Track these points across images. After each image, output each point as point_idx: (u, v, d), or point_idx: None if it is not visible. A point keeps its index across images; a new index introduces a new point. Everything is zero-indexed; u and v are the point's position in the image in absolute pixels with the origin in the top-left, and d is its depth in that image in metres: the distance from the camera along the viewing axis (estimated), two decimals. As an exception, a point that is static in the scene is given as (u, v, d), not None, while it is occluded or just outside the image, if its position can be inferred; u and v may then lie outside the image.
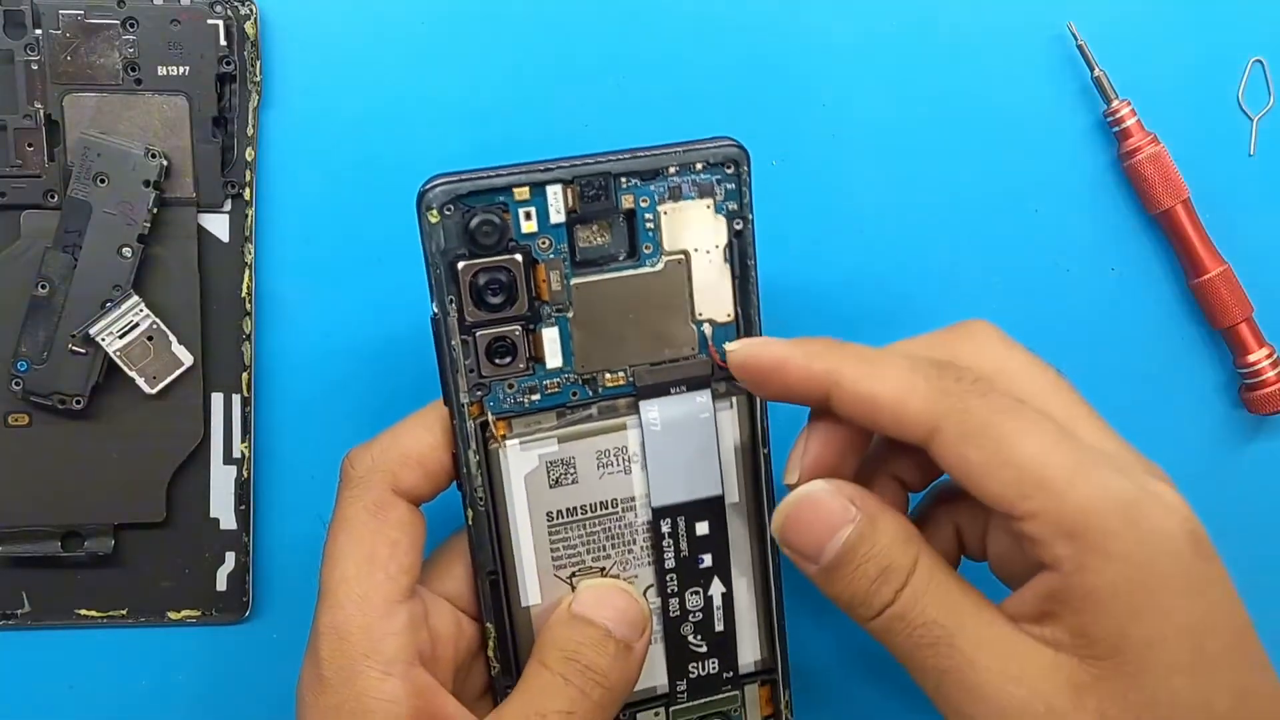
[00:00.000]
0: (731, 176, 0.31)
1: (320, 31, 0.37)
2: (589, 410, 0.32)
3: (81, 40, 0.36)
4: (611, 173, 0.31)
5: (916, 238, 0.39)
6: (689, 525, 0.33)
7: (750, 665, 0.34)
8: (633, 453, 0.32)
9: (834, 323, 0.39)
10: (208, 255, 0.37)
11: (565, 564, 0.32)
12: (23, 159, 0.36)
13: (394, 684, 0.29)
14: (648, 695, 0.34)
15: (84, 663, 0.38)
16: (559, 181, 0.30)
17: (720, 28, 0.38)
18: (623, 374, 0.32)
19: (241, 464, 0.38)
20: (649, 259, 0.31)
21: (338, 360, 0.38)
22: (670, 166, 0.31)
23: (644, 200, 0.31)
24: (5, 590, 0.37)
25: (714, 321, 0.32)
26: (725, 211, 0.32)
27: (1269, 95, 0.40)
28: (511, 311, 0.31)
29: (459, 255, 0.30)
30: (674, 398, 0.32)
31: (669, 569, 0.33)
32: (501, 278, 0.30)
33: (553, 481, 0.32)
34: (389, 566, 0.30)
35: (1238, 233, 0.40)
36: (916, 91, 0.39)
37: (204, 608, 0.38)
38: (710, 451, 0.32)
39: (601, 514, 0.32)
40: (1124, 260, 0.40)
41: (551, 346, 0.31)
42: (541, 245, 0.31)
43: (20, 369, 0.36)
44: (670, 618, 0.33)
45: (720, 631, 0.34)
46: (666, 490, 0.32)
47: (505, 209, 0.30)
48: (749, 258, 0.32)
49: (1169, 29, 0.39)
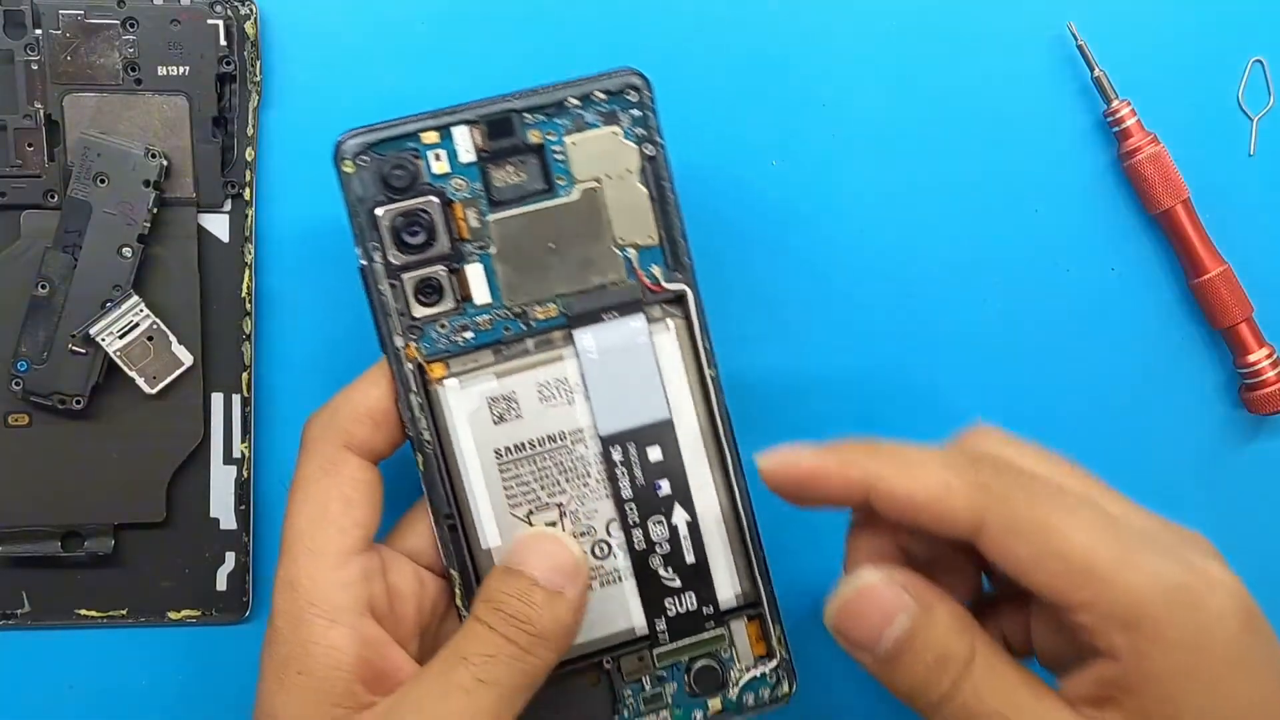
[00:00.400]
0: (635, 103, 0.32)
1: (320, 31, 0.38)
2: (524, 344, 0.32)
3: (81, 40, 0.36)
4: (514, 109, 0.32)
5: (916, 238, 0.39)
6: (640, 452, 0.33)
7: (731, 600, 0.34)
8: (574, 383, 0.32)
9: (834, 321, 0.39)
10: (208, 255, 0.37)
11: (521, 502, 0.32)
12: (23, 159, 0.36)
13: (339, 632, 0.30)
14: (626, 639, 0.33)
15: (84, 663, 0.38)
16: (464, 123, 0.31)
17: (720, 27, 0.38)
18: (554, 305, 0.32)
19: (241, 464, 0.38)
20: (563, 189, 0.32)
21: (338, 360, 0.38)
22: (570, 99, 0.32)
23: (550, 134, 0.32)
24: (5, 590, 0.37)
25: (638, 245, 0.33)
26: (634, 137, 0.32)
27: (1269, 95, 0.40)
28: (434, 252, 0.32)
29: (377, 202, 0.31)
30: (608, 324, 0.32)
31: (626, 498, 0.33)
32: (420, 219, 0.31)
33: (496, 418, 0.32)
34: (341, 520, 0.31)
35: (1238, 233, 0.40)
36: (916, 91, 0.39)
37: (204, 608, 0.38)
38: (652, 375, 0.33)
39: (550, 448, 0.32)
40: (1124, 260, 0.40)
41: (477, 283, 0.32)
42: (455, 186, 0.32)
43: (20, 369, 0.36)
44: (636, 551, 0.33)
45: (692, 563, 0.33)
46: (611, 417, 0.32)
47: (417, 154, 0.31)
48: (665, 180, 0.32)
49: (1169, 29, 0.39)
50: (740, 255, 0.39)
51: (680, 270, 0.33)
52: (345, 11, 0.38)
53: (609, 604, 0.33)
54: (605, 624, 0.33)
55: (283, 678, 0.30)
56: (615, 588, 0.33)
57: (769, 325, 0.39)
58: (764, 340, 0.39)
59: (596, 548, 0.33)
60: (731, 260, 0.39)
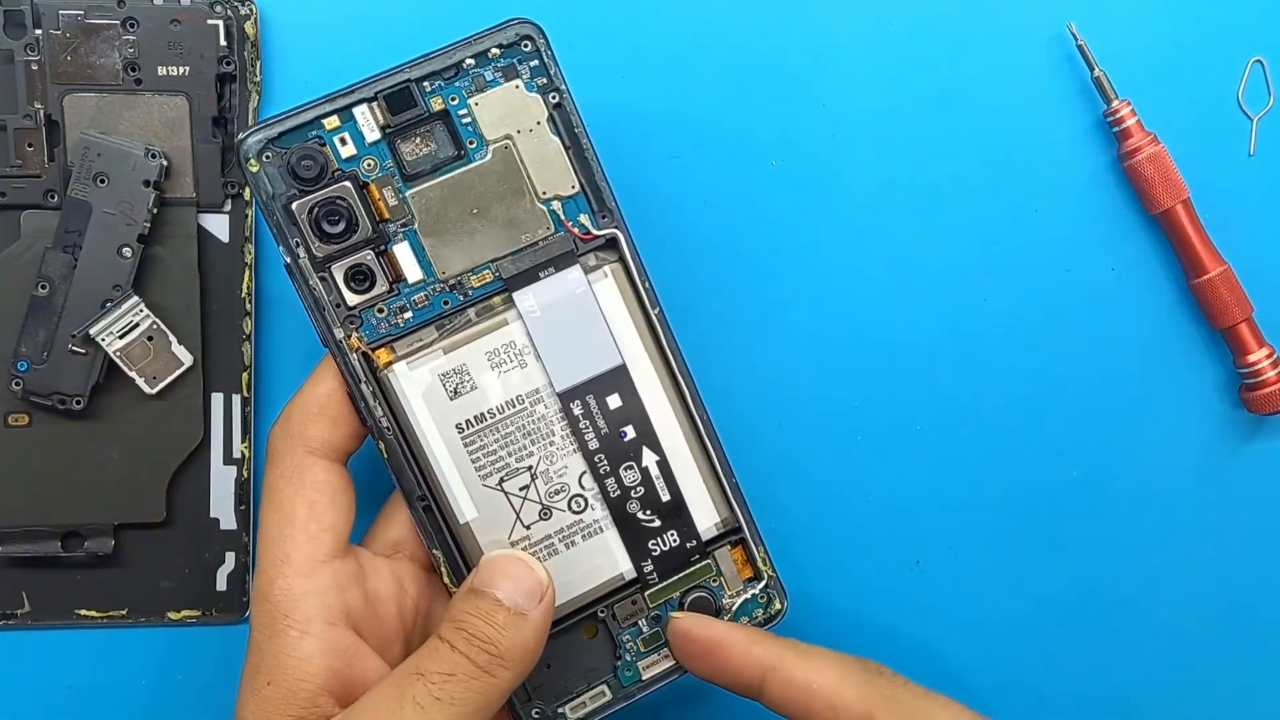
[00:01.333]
0: (531, 54, 0.32)
1: (320, 31, 0.37)
2: (466, 315, 0.32)
3: (81, 40, 0.36)
4: (411, 79, 0.31)
5: (916, 238, 0.39)
6: (600, 402, 0.33)
7: (712, 529, 0.34)
8: (522, 345, 0.32)
9: (834, 322, 0.39)
10: (208, 255, 0.37)
11: (490, 471, 0.32)
12: (23, 159, 0.36)
13: (309, 642, 0.30)
14: (617, 585, 0.34)
15: (84, 663, 0.38)
16: (363, 101, 0.31)
17: (720, 27, 0.38)
18: (488, 271, 0.32)
19: (241, 464, 0.38)
20: (476, 152, 0.32)
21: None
22: (465, 59, 0.31)
23: (453, 98, 0.32)
24: (5, 590, 0.37)
25: (560, 196, 0.32)
26: (537, 88, 0.32)
27: (1269, 95, 0.40)
28: (358, 238, 0.31)
29: (290, 196, 0.31)
30: (545, 281, 0.32)
31: (593, 450, 0.33)
32: (337, 207, 0.31)
33: (451, 393, 0.32)
34: (309, 527, 0.31)
35: (1238, 233, 0.40)
36: (916, 91, 0.39)
37: (204, 608, 0.38)
38: (598, 324, 0.33)
39: (510, 413, 0.32)
40: (1124, 260, 0.40)
41: (407, 261, 0.32)
42: (366, 166, 0.31)
43: (20, 369, 0.36)
44: (612, 499, 0.33)
45: (668, 500, 0.34)
46: (566, 373, 0.32)
47: (321, 141, 0.31)
48: (575, 127, 0.32)
49: (1169, 29, 0.39)
50: (740, 255, 0.39)
51: (607, 215, 0.33)
52: (345, 11, 0.38)
53: (595, 555, 0.33)
54: (594, 575, 0.33)
55: (254, 687, 0.30)
56: (598, 538, 0.33)
57: (769, 326, 0.39)
58: (764, 340, 0.39)
59: (573, 503, 0.33)
60: (732, 260, 0.39)
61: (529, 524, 0.33)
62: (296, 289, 0.31)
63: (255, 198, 0.31)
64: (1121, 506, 0.40)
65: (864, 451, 0.40)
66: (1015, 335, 0.40)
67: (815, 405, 0.40)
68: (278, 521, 0.31)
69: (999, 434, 0.40)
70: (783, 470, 0.39)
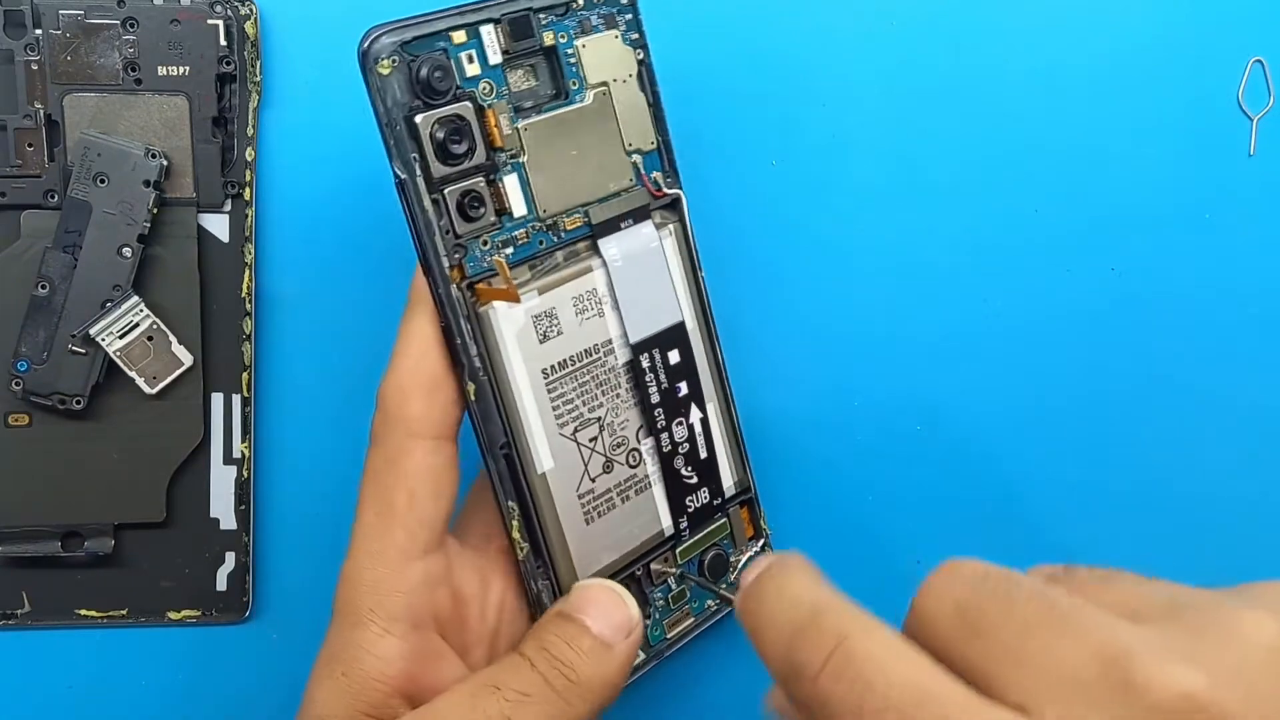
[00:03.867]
0: (627, 7, 0.32)
1: (320, 31, 0.37)
2: (555, 257, 0.32)
3: (81, 40, 0.36)
4: (532, 8, 0.31)
5: (916, 237, 0.39)
6: (663, 356, 0.33)
7: (732, 487, 0.35)
8: (602, 294, 0.32)
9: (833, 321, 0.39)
10: (208, 255, 0.37)
11: (566, 420, 0.32)
12: (23, 159, 0.36)
13: (391, 643, 0.29)
14: (656, 542, 0.34)
15: (84, 663, 0.38)
16: (490, 21, 0.30)
17: (719, 28, 0.38)
18: (579, 215, 0.32)
19: (241, 464, 0.38)
20: (577, 94, 0.32)
21: (338, 360, 0.38)
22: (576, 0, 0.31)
23: (562, 36, 0.31)
24: (5, 590, 0.37)
25: (641, 150, 0.33)
26: (630, 42, 0.32)
27: (1269, 95, 0.40)
28: (473, 163, 0.30)
29: (413, 109, 0.29)
30: (625, 232, 0.32)
31: (654, 403, 0.33)
32: (462, 126, 0.30)
33: (541, 336, 0.31)
34: (406, 520, 0.30)
35: (1238, 233, 0.40)
36: (915, 91, 0.39)
37: (204, 608, 0.38)
38: (664, 280, 0.33)
39: (587, 361, 0.32)
40: (1124, 260, 0.40)
41: (515, 195, 0.31)
42: (484, 90, 0.30)
43: (20, 369, 0.36)
44: (664, 454, 0.33)
45: (705, 459, 0.34)
46: (640, 325, 0.33)
47: (447, 54, 0.30)
48: (655, 85, 0.33)
49: (1169, 29, 0.39)
50: (740, 255, 0.39)
51: (672, 176, 0.33)
52: (345, 11, 0.37)
53: (642, 512, 0.33)
54: (640, 532, 0.33)
55: (329, 673, 0.30)
56: (646, 494, 0.33)
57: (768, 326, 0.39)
58: (763, 340, 0.39)
59: (630, 456, 0.33)
60: (731, 260, 0.39)
61: (594, 476, 0.33)
62: (405, 210, 0.30)
63: (374, 106, 0.29)
64: (1122, 507, 0.40)
65: (864, 451, 0.40)
66: (1015, 335, 0.40)
67: (815, 405, 0.40)
68: (377, 507, 0.30)
69: (999, 434, 0.40)
70: (782, 470, 0.39)
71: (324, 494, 0.38)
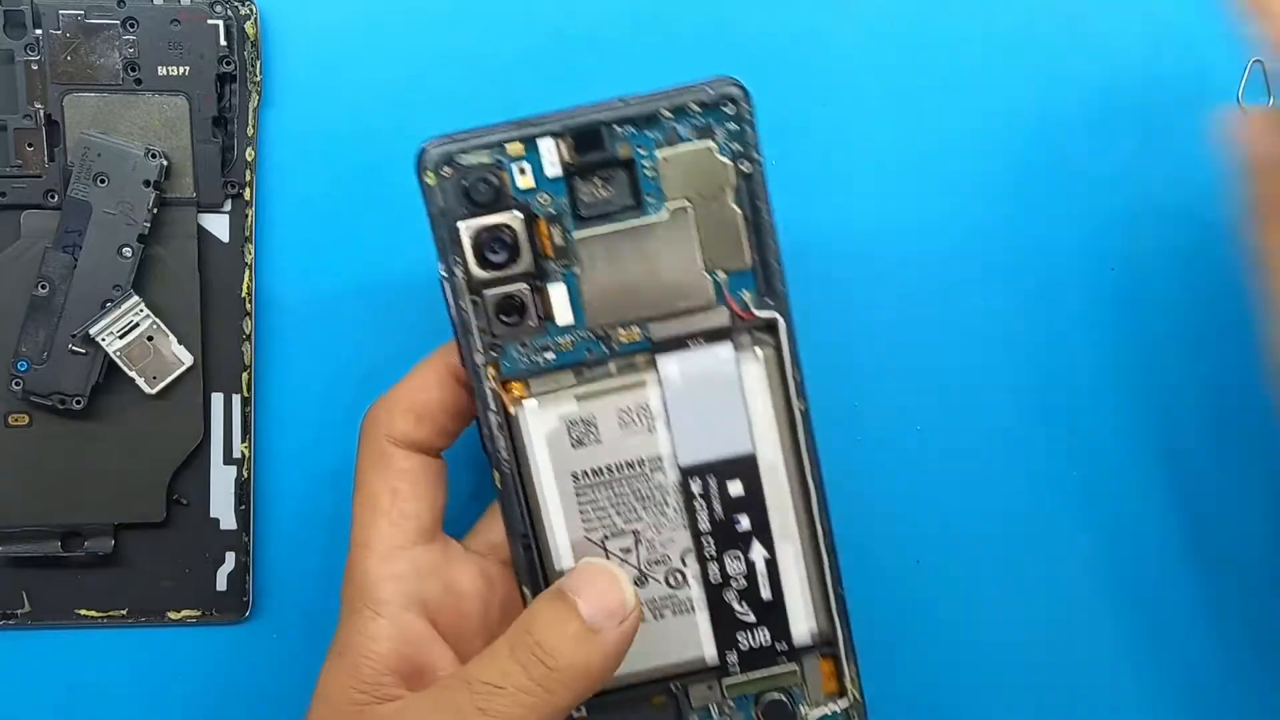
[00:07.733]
0: (732, 117, 0.30)
1: (320, 31, 0.37)
2: (606, 367, 0.31)
3: (81, 40, 0.36)
4: (602, 121, 0.30)
5: (916, 237, 0.39)
6: (720, 485, 0.32)
7: (806, 637, 0.33)
8: (655, 410, 0.31)
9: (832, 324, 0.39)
10: (208, 255, 0.37)
11: (596, 527, 0.32)
12: (23, 159, 0.36)
13: (380, 624, 0.31)
14: (696, 667, 0.33)
15: (84, 663, 0.38)
16: (550, 135, 0.30)
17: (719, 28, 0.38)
18: (637, 329, 0.31)
19: (241, 464, 0.38)
20: (653, 208, 0.30)
21: (338, 360, 0.38)
22: (663, 110, 0.30)
23: (641, 148, 0.30)
24: (5, 590, 0.37)
25: (729, 269, 0.31)
26: (730, 153, 0.30)
27: (1269, 95, 0.40)
28: (518, 269, 0.30)
29: (459, 215, 0.30)
30: (693, 351, 0.31)
31: (703, 531, 0.32)
32: (503, 236, 0.30)
33: (575, 441, 0.31)
34: (391, 513, 0.31)
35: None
36: (916, 91, 0.39)
37: (204, 608, 0.38)
38: (736, 407, 0.31)
39: (628, 474, 0.32)
40: (1124, 260, 0.40)
41: (560, 303, 0.31)
42: (541, 201, 0.30)
43: (20, 369, 0.36)
44: (711, 584, 0.32)
45: (768, 600, 0.32)
46: (693, 448, 0.31)
47: (500, 166, 0.30)
48: (760, 200, 0.31)
49: (1169, 29, 0.39)
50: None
51: (773, 296, 0.31)
52: (345, 11, 0.38)
53: (681, 632, 0.32)
54: (676, 650, 0.33)
55: (330, 656, 0.31)
56: (687, 617, 0.32)
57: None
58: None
59: (670, 577, 0.32)
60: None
61: None
62: (445, 305, 0.31)
63: (425, 208, 0.30)
64: (1122, 507, 0.40)
65: (864, 452, 0.40)
66: (1015, 335, 0.40)
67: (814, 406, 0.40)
68: (363, 504, 0.32)
69: (999, 434, 0.40)
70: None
71: (324, 494, 0.38)
